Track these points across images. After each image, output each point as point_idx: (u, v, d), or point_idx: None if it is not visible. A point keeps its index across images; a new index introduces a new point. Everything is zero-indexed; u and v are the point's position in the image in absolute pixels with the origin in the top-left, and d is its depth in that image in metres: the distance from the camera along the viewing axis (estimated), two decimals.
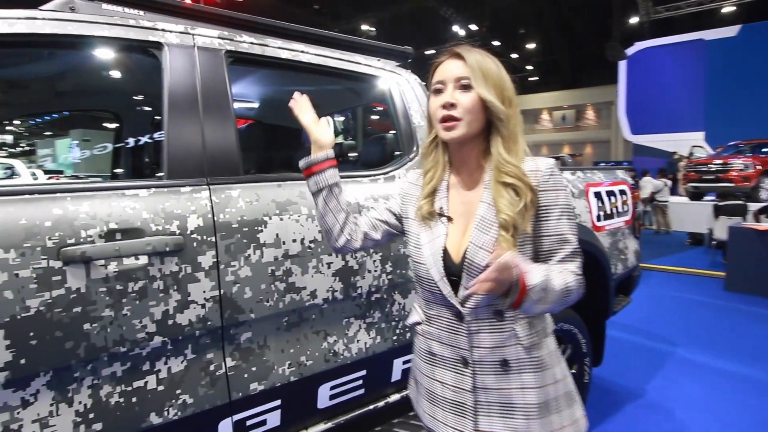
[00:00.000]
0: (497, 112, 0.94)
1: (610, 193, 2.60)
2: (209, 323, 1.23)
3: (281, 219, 1.36)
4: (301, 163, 1.10)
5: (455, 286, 0.97)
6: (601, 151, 25.60)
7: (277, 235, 1.34)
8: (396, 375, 1.69)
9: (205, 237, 1.22)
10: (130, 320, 1.11)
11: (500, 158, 0.95)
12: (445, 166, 1.06)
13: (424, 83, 2.00)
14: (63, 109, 2.26)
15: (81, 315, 1.05)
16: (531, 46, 22.18)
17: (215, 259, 1.23)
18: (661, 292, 5.40)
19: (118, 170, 2.47)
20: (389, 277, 1.60)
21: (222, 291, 1.24)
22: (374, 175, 1.65)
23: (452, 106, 0.95)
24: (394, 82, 1.86)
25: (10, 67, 1.67)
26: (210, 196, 1.27)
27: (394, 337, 1.64)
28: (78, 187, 1.12)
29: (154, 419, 1.16)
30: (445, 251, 0.99)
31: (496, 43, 18.71)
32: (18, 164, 6.74)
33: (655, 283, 5.78)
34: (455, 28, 16.87)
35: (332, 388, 1.51)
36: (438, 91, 0.99)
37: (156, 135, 2.34)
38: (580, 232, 2.16)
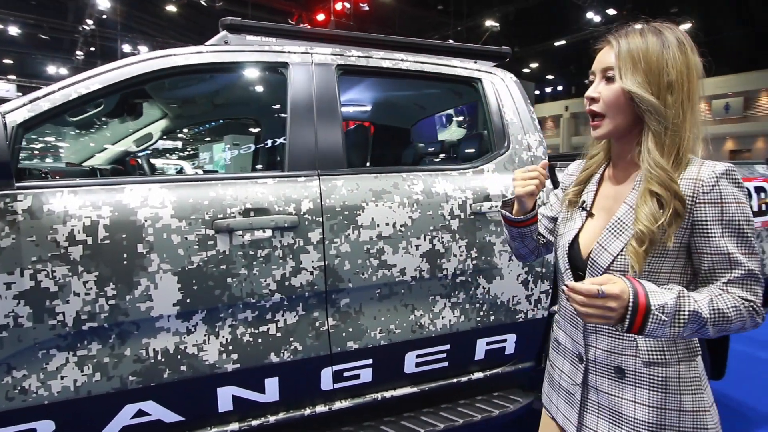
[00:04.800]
0: (644, 104, 0.87)
1: None
2: (316, 287, 1.52)
3: (376, 205, 1.60)
4: (520, 217, 1.09)
5: (581, 280, 0.92)
6: None
7: (372, 218, 1.58)
8: (479, 354, 1.82)
9: (314, 217, 1.51)
10: (258, 278, 1.45)
11: (648, 158, 0.87)
12: (607, 155, 1.03)
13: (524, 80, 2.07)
14: (221, 118, 2.84)
15: (225, 271, 1.41)
16: (685, 26, 19.42)
17: (322, 236, 1.52)
18: None
19: (258, 165, 3.00)
20: (474, 262, 1.74)
21: (326, 262, 1.52)
22: (463, 169, 1.80)
23: (593, 100, 0.93)
24: (488, 81, 1.98)
25: (184, 87, 2.20)
26: (319, 184, 1.56)
27: (478, 319, 1.78)
28: (226, 176, 1.49)
29: (274, 358, 1.49)
30: (576, 245, 0.99)
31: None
32: (186, 165, 8.28)
33: None
34: (589, 14, 15.63)
35: (418, 356, 1.71)
36: (590, 82, 0.96)
37: (273, 136, 2.80)
38: None
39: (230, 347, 1.45)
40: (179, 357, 1.39)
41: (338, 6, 13.08)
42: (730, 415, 2.62)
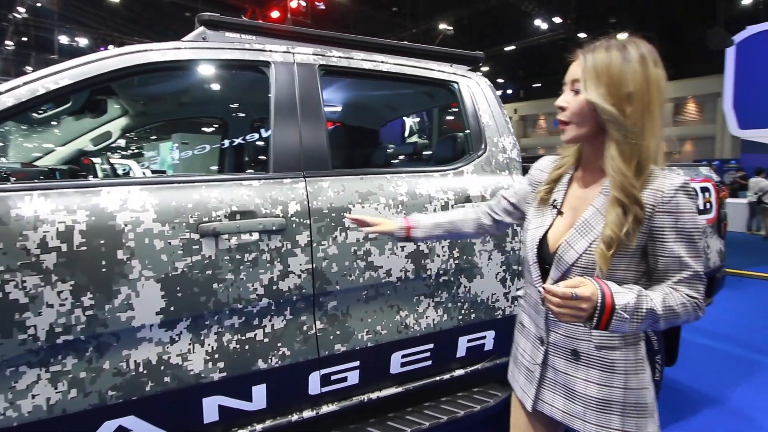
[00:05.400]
0: (604, 114, 0.94)
1: None
2: (303, 291, 1.50)
3: (363, 206, 1.59)
4: (401, 234, 1.34)
5: (546, 272, 1.05)
6: (704, 149, 23.21)
7: None
8: (461, 352, 1.86)
9: (302, 220, 1.49)
10: (246, 283, 1.41)
11: (612, 164, 0.94)
12: (577, 158, 1.11)
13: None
14: (193, 117, 2.73)
15: (211, 276, 1.36)
16: (622, 36, 20.71)
17: (309, 238, 1.50)
18: (762, 300, 4.95)
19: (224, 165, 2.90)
20: (456, 261, 1.78)
21: (314, 265, 1.50)
22: (444, 170, 1.84)
23: (562, 109, 1.01)
24: (464, 85, 2.03)
25: (154, 84, 2.09)
26: (306, 186, 1.54)
27: (460, 317, 1.82)
28: (210, 178, 1.44)
29: (261, 365, 1.46)
30: (545, 240, 1.07)
31: (582, 35, 17.77)
32: (133, 164, 7.83)
33: (755, 291, 5.29)
34: (537, 22, 16.32)
35: (403, 356, 1.72)
36: (563, 92, 1.04)
37: (250, 136, 2.73)
38: None
39: (216, 355, 1.39)
40: (162, 368, 1.33)
41: (293, 4, 12.89)
42: (674, 394, 2.84)
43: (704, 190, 2.63)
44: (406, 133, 3.58)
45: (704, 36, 12.38)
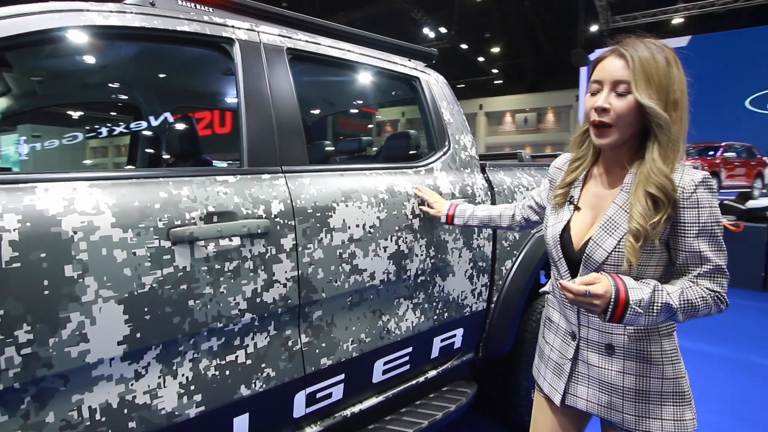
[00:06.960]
0: (657, 119, 0.91)
1: None
2: (289, 301, 1.32)
3: (347, 205, 1.46)
4: (443, 219, 1.58)
5: (575, 267, 1.04)
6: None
7: (343, 220, 1.44)
8: (435, 352, 1.82)
9: (286, 221, 1.31)
10: (226, 298, 1.19)
11: (653, 167, 0.92)
12: (593, 158, 1.09)
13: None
14: (105, 100, 2.26)
15: (186, 292, 1.12)
16: (496, 50, 22.86)
17: (295, 242, 1.32)
18: None
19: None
20: (432, 261, 1.73)
21: (300, 271, 1.33)
22: (417, 167, 1.78)
23: (604, 111, 0.95)
24: (425, 81, 1.99)
25: (74, 55, 1.67)
26: (286, 183, 1.36)
27: (435, 317, 1.77)
28: (176, 173, 1.18)
29: (244, 391, 1.24)
30: (567, 236, 1.06)
31: (463, 46, 19.16)
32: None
33: None
34: (426, 30, 17.18)
35: (385, 363, 1.63)
36: (595, 91, 0.98)
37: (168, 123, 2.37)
38: None
39: (192, 387, 1.15)
40: (126, 411, 1.05)
41: None
42: None
43: None
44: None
45: (566, 56, 14.22)
